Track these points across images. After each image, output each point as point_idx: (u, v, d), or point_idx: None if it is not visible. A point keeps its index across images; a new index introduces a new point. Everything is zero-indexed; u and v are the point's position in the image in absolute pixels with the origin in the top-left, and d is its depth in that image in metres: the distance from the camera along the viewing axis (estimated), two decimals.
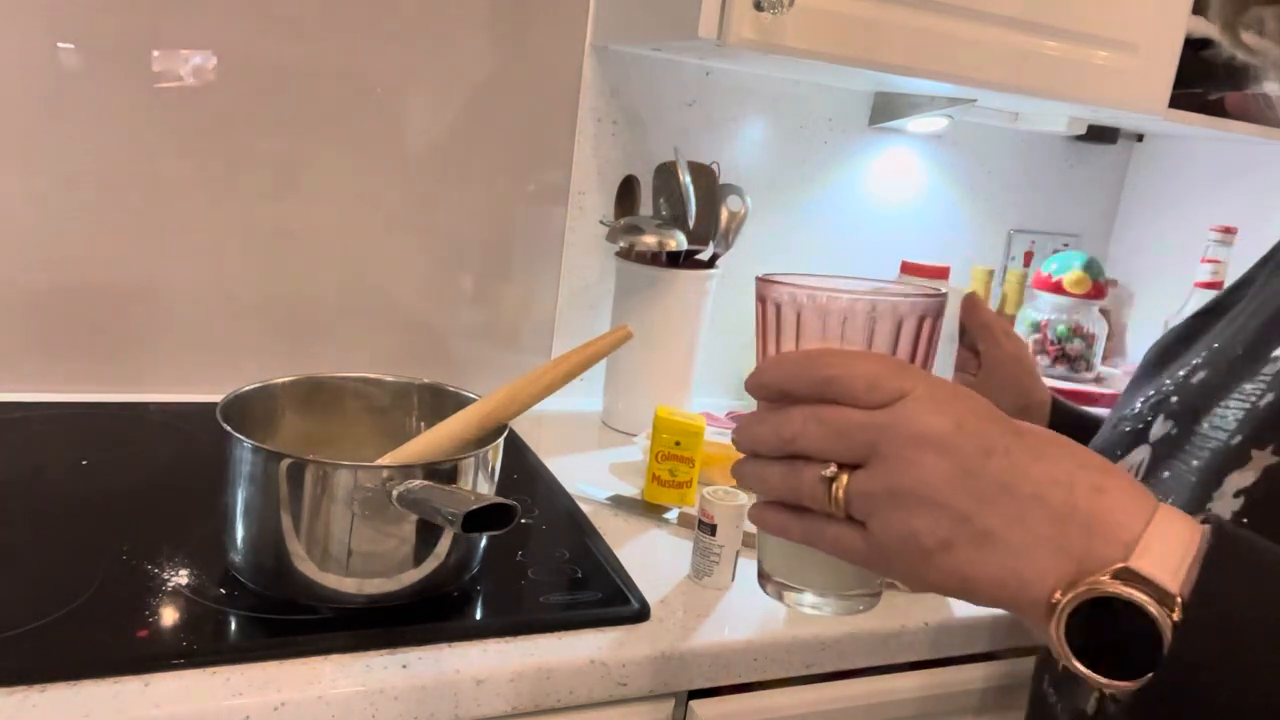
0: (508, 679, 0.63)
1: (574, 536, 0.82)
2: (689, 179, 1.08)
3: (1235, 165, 1.38)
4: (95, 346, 1.01)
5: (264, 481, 0.63)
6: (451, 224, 1.12)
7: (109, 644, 0.58)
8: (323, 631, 0.62)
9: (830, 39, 0.88)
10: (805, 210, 1.31)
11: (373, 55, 1.04)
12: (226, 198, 1.02)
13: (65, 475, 0.82)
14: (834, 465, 0.39)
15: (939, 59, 0.93)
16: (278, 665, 0.59)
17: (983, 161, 1.41)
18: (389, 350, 1.13)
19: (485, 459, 0.68)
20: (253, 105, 1.01)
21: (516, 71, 1.11)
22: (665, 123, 1.19)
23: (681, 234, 1.08)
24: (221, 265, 1.04)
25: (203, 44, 0.98)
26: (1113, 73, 1.01)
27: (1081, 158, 1.49)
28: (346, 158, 1.06)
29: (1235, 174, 1.38)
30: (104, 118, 0.96)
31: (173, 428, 0.95)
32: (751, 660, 0.71)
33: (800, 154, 1.29)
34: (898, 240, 1.38)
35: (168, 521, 0.75)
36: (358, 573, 0.64)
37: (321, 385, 0.78)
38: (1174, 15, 1.02)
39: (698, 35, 0.85)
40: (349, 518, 0.63)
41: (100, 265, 0.99)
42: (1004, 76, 0.96)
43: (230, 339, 1.06)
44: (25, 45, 0.92)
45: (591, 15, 1.12)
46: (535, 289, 1.19)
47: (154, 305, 1.02)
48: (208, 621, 0.63)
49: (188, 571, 0.68)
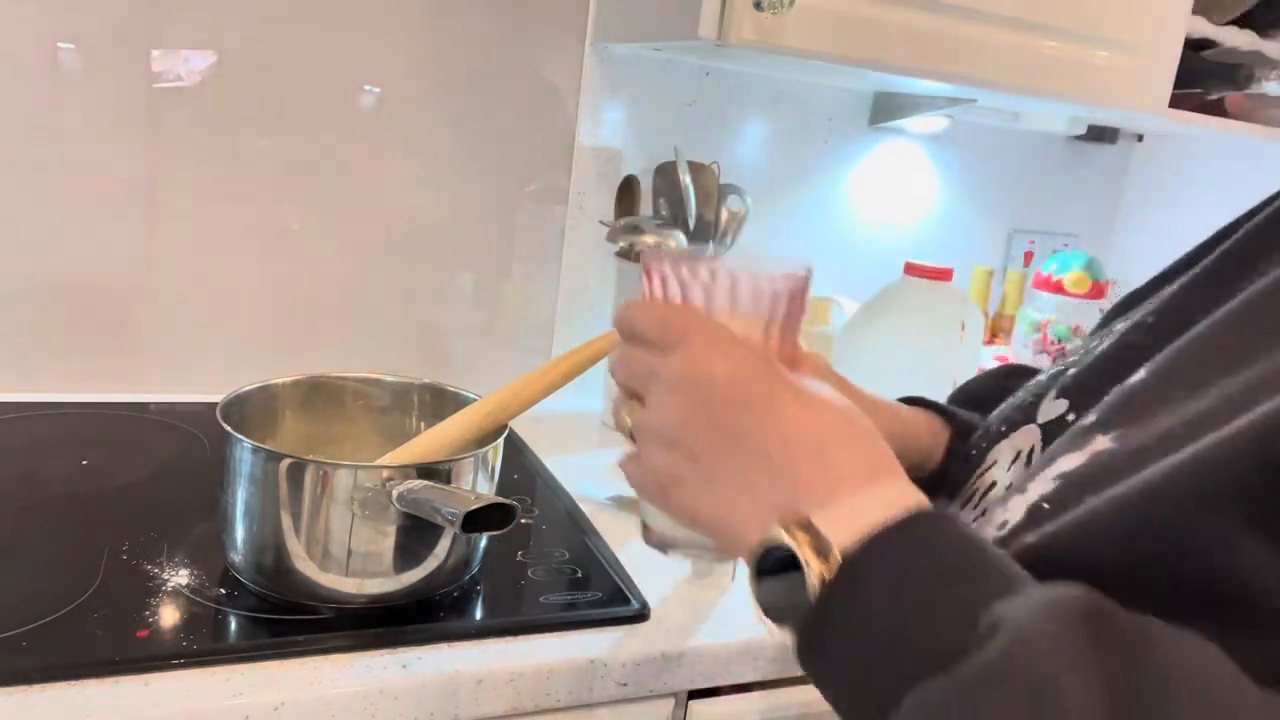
0: (507, 679, 0.63)
1: (574, 536, 0.82)
2: (689, 179, 1.08)
3: (1235, 165, 1.38)
4: (95, 346, 1.01)
5: (264, 481, 0.63)
6: (451, 224, 1.12)
7: (109, 644, 0.58)
8: (323, 631, 0.62)
9: (830, 39, 0.88)
10: (805, 210, 1.31)
11: (373, 55, 1.04)
12: (226, 198, 1.02)
13: (65, 475, 0.82)
14: (632, 399, 0.44)
15: (939, 59, 0.93)
16: (278, 665, 0.59)
17: (983, 161, 1.41)
18: (389, 350, 1.13)
19: (485, 459, 0.68)
20: (253, 105, 1.01)
21: (516, 71, 1.11)
22: (665, 123, 1.19)
23: (681, 234, 1.08)
24: (221, 265, 1.04)
25: (203, 44, 0.98)
26: (1113, 73, 1.01)
27: (1081, 158, 1.49)
28: (346, 157, 1.06)
29: (1235, 174, 1.38)
30: (104, 118, 0.96)
31: (173, 428, 0.95)
32: (751, 660, 0.71)
33: (800, 154, 1.28)
34: (898, 240, 1.38)
35: (168, 521, 0.75)
36: (358, 573, 0.64)
37: (321, 385, 0.78)
38: (1174, 15, 1.02)
39: (698, 35, 0.85)
40: (349, 518, 0.62)
41: (100, 265, 0.99)
42: (1004, 76, 0.96)
43: (230, 339, 1.06)
44: (25, 45, 0.92)
45: (591, 15, 1.12)
46: (535, 289, 1.19)
47: (154, 305, 1.02)
48: (208, 621, 0.63)
49: (188, 571, 0.68)
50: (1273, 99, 1.14)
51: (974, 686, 0.30)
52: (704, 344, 0.42)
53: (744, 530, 0.39)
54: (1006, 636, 0.30)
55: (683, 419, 0.41)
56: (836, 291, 1.31)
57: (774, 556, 0.37)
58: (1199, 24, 1.05)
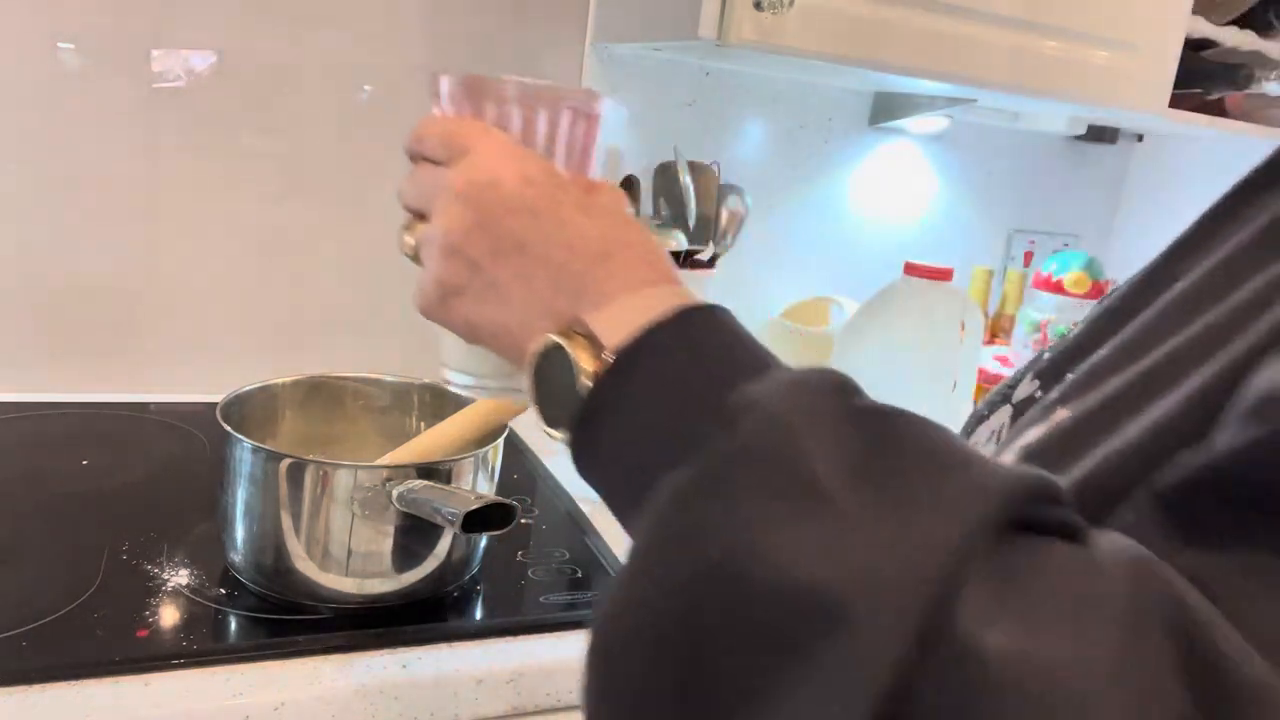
0: (507, 679, 0.63)
1: (574, 536, 0.82)
2: (689, 179, 1.08)
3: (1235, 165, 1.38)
4: (95, 346, 1.01)
5: (264, 481, 0.63)
6: None
7: (109, 644, 0.58)
8: (323, 631, 0.63)
9: (830, 39, 0.88)
10: (805, 210, 1.31)
11: (373, 55, 1.04)
12: (226, 198, 1.02)
13: (65, 475, 0.82)
14: (412, 216, 0.44)
15: (939, 59, 0.93)
16: (278, 665, 0.59)
17: (983, 161, 1.41)
18: (389, 350, 1.13)
19: (485, 459, 0.68)
20: (253, 105, 1.01)
21: (516, 71, 1.11)
22: (665, 123, 1.19)
23: (681, 234, 1.08)
24: (221, 265, 1.04)
25: (203, 44, 0.98)
26: (1113, 73, 1.01)
27: (1081, 158, 1.49)
28: (346, 157, 1.06)
29: (1235, 174, 1.38)
30: (104, 118, 0.96)
31: (173, 428, 0.95)
32: None
33: (800, 154, 1.28)
34: (898, 240, 1.38)
35: (168, 521, 0.75)
36: (358, 573, 0.64)
37: (321, 385, 0.78)
38: (1174, 15, 1.02)
39: (698, 35, 0.85)
40: (349, 518, 0.63)
41: (100, 265, 0.99)
42: (1004, 76, 0.96)
43: (230, 339, 1.06)
44: (25, 45, 0.92)
45: (591, 15, 1.12)
46: None
47: (154, 305, 1.02)
48: (207, 621, 0.63)
49: (188, 571, 0.68)
50: (1273, 99, 1.14)
51: (722, 467, 0.29)
52: (489, 153, 0.41)
53: (524, 337, 0.38)
54: (753, 417, 0.30)
55: (465, 225, 0.40)
56: (836, 291, 1.31)
57: (555, 361, 0.37)
58: (1199, 24, 1.05)
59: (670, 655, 0.28)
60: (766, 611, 0.26)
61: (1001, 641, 0.23)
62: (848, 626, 0.24)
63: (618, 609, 0.30)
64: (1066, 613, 0.24)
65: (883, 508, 0.27)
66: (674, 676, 0.28)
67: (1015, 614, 0.24)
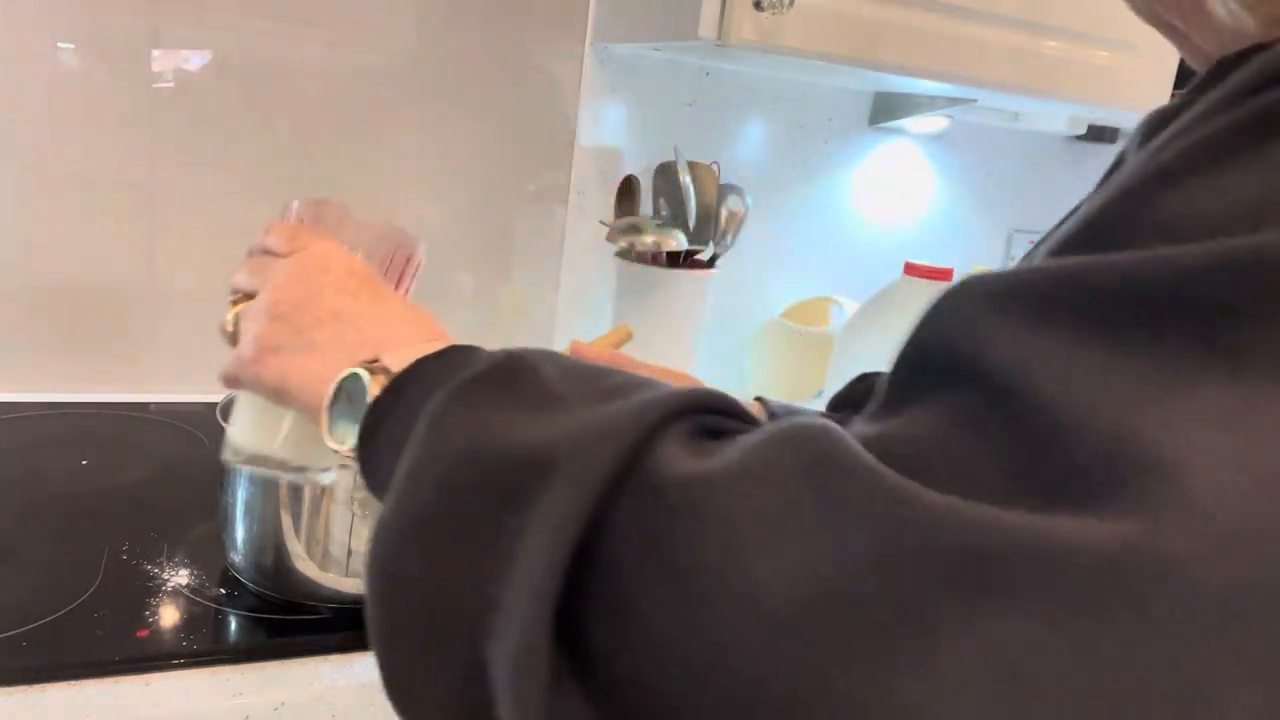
0: None
1: None
2: (689, 179, 1.08)
3: None
4: (95, 346, 1.01)
5: (264, 481, 0.63)
6: (451, 223, 1.12)
7: (109, 644, 0.58)
8: (323, 631, 0.63)
9: (830, 39, 0.88)
10: (805, 210, 1.31)
11: (373, 55, 1.04)
12: (226, 198, 1.02)
13: (65, 475, 0.82)
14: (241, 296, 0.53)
15: (939, 59, 0.93)
16: (278, 665, 0.59)
17: (983, 161, 1.41)
18: None
19: None
20: (252, 105, 1.01)
21: (516, 71, 1.11)
22: (665, 123, 1.19)
23: (681, 234, 1.08)
24: (221, 265, 1.03)
25: (203, 44, 0.98)
26: (1113, 73, 1.01)
27: (1081, 158, 1.49)
28: (346, 157, 1.06)
29: None
30: (104, 118, 0.96)
31: (173, 428, 0.95)
32: None
33: (800, 154, 1.28)
34: (897, 240, 1.38)
35: (168, 521, 0.75)
36: (358, 573, 0.64)
37: None
38: None
39: (698, 35, 0.85)
40: (349, 518, 0.63)
41: (100, 265, 0.99)
42: (1004, 76, 0.96)
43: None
44: (25, 45, 0.92)
45: (591, 15, 1.12)
46: (535, 289, 1.19)
47: (154, 305, 1.02)
48: (208, 621, 0.63)
49: (188, 571, 0.68)
50: None
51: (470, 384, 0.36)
52: (325, 249, 0.51)
53: (330, 380, 0.44)
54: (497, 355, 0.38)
55: (294, 298, 0.48)
56: (836, 291, 1.31)
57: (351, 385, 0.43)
58: None
59: (433, 543, 0.33)
60: (503, 476, 0.32)
61: (679, 474, 0.29)
62: (556, 472, 0.30)
63: (386, 523, 0.34)
64: (732, 455, 0.29)
65: (599, 401, 0.34)
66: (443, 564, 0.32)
67: (694, 455, 0.30)
